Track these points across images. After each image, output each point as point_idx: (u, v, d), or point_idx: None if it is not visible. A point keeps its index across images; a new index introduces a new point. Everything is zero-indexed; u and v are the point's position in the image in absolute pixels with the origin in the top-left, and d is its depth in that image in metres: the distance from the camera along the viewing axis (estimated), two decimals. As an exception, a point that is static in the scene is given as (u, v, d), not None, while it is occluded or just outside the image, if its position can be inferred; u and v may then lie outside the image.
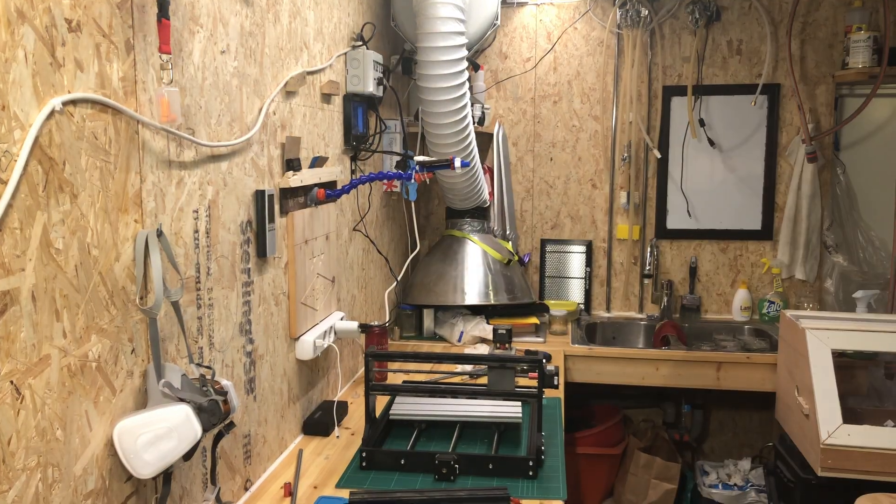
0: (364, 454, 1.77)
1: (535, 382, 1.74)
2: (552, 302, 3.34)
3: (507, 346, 1.89)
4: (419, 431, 1.99)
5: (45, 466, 1.01)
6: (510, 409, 1.97)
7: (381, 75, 2.45)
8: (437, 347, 2.86)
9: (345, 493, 1.63)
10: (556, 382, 1.73)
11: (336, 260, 2.25)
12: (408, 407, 2.01)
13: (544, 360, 1.78)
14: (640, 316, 3.41)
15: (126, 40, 1.17)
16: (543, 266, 3.48)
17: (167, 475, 1.25)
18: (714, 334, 3.19)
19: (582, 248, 3.44)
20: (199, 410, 1.20)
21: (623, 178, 3.37)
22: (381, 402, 2.13)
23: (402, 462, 1.76)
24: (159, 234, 1.25)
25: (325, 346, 2.03)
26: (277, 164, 1.79)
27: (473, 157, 2.77)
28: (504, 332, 1.88)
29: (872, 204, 3.23)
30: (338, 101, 2.26)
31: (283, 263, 1.84)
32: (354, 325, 2.15)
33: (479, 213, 3.14)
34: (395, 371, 2.43)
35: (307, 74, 1.96)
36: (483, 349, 2.75)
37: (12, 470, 0.95)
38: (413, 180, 1.97)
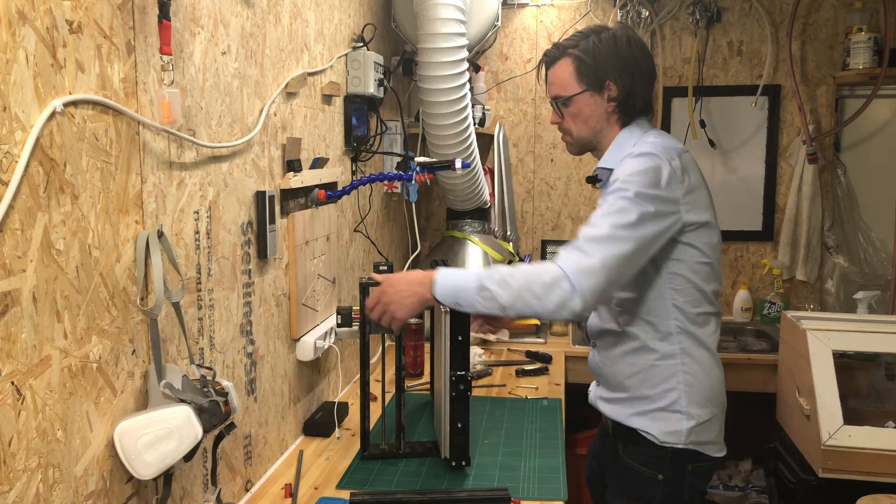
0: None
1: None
2: (553, 303, 3.33)
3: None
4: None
5: (46, 467, 1.01)
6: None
7: (382, 76, 2.45)
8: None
9: (345, 494, 1.63)
10: None
11: (337, 261, 2.25)
12: None
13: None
14: (640, 317, 3.40)
15: (127, 41, 1.17)
16: (544, 267, 3.47)
17: (168, 476, 1.25)
18: (715, 335, 3.18)
19: (582, 249, 3.43)
20: (200, 411, 1.20)
21: (624, 179, 3.36)
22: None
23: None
24: (160, 235, 1.25)
25: (326, 347, 2.03)
26: (278, 165, 1.79)
27: (474, 158, 2.77)
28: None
29: (873, 205, 3.22)
30: (338, 102, 2.26)
31: (283, 264, 1.84)
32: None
33: (480, 214, 3.13)
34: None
35: (308, 75, 1.96)
36: (476, 350, 2.74)
37: (13, 471, 0.95)
38: (414, 181, 1.97)
